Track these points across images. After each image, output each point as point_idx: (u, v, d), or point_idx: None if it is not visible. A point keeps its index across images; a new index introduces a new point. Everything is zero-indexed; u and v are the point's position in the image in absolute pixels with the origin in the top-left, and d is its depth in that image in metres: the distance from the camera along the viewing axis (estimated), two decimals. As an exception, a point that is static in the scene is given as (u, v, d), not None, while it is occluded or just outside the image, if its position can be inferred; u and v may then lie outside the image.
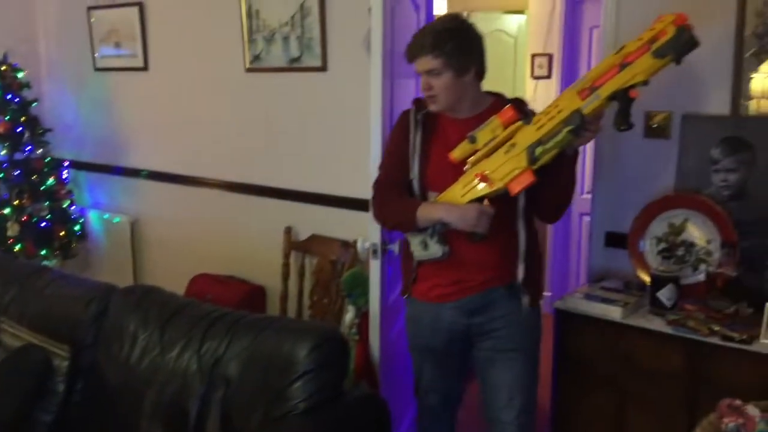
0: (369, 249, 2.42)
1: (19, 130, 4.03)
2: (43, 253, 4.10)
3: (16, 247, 3.97)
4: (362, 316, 2.67)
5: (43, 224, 4.11)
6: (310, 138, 3.42)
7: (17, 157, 4.04)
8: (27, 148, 4.08)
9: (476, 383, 2.25)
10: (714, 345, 2.08)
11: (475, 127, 1.97)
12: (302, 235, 3.49)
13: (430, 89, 2.04)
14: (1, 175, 3.99)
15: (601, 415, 2.36)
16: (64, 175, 4.31)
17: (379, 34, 2.29)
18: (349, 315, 2.74)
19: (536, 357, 2.21)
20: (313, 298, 3.40)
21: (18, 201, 4.00)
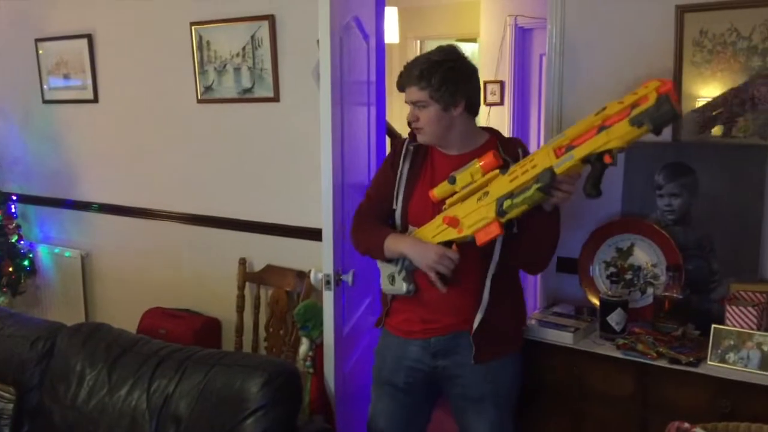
0: (322, 279, 2.40)
1: (-36, 164, 3.95)
2: (-10, 290, 3.99)
3: (-38, 285, 3.86)
4: (316, 348, 2.64)
5: (-10, 260, 4.01)
6: (264, 168, 3.41)
7: (-38, 192, 3.95)
8: (-27, 183, 4.00)
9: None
10: (662, 368, 2.10)
11: (463, 166, 1.93)
12: (257, 266, 3.46)
13: (417, 120, 2.02)
14: (-54, 211, 3.89)
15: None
16: (12, 209, 4.21)
17: (328, 65, 2.29)
18: (303, 347, 2.70)
19: (510, 406, 2.17)
20: (269, 330, 3.36)
21: (-36, 237, 3.90)
